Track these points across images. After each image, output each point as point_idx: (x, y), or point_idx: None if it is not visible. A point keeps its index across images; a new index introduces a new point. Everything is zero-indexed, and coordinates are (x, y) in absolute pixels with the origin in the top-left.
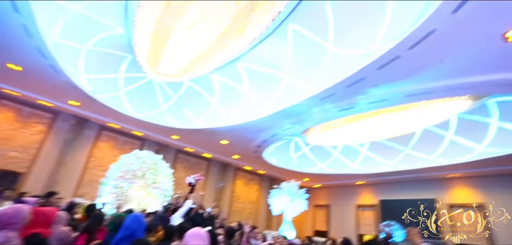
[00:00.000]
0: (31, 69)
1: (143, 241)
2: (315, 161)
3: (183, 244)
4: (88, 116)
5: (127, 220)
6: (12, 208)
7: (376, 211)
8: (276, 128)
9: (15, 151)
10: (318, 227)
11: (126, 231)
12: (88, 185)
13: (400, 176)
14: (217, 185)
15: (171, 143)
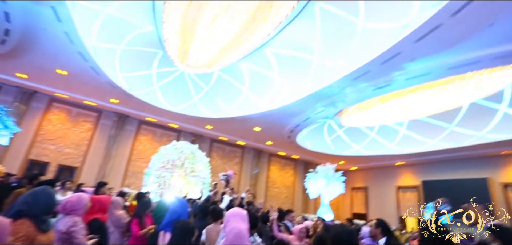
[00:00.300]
0: (75, 72)
1: (185, 222)
2: (351, 143)
3: (224, 223)
4: (127, 112)
5: (173, 205)
6: (75, 196)
7: (419, 192)
8: (308, 112)
9: (69, 148)
10: (356, 209)
11: (173, 215)
12: (133, 176)
13: (444, 155)
14: (252, 171)
15: (206, 132)
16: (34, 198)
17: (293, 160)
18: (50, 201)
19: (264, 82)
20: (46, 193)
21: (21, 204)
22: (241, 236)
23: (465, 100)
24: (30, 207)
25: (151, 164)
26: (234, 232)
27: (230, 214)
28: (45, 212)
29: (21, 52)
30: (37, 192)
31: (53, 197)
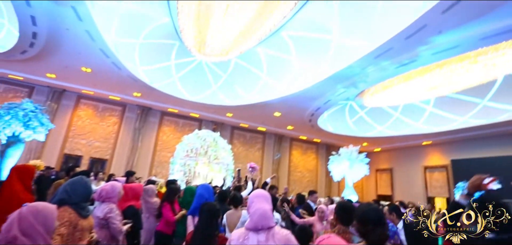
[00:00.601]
0: (98, 69)
1: (211, 204)
2: (374, 124)
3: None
4: (150, 104)
5: (198, 190)
6: (109, 185)
7: (447, 172)
8: (328, 94)
9: (98, 141)
10: (381, 191)
11: (200, 199)
12: (160, 165)
13: (475, 132)
14: (274, 157)
15: (226, 120)
16: (72, 188)
17: (314, 143)
18: (86, 190)
19: (282, 67)
20: (82, 183)
21: (61, 193)
22: (266, 216)
23: (500, 73)
24: (69, 195)
25: (176, 153)
26: (259, 212)
27: (254, 196)
28: (83, 200)
29: (48, 53)
30: (74, 182)
31: (89, 186)
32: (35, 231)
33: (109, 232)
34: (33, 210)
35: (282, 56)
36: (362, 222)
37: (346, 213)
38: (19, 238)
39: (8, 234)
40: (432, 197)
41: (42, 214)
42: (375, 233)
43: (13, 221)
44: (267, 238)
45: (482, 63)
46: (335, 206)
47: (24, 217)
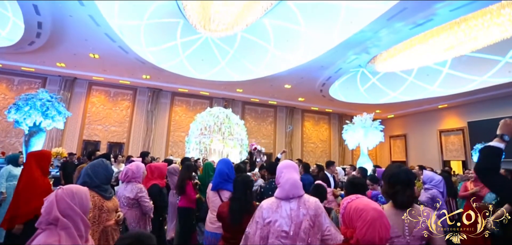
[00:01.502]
0: (106, 54)
1: (245, 175)
2: (387, 90)
3: (278, 175)
4: (160, 86)
5: (219, 165)
6: (134, 165)
7: (464, 134)
8: (339, 62)
9: (114, 126)
10: (395, 157)
11: (221, 174)
12: (175, 145)
13: (494, 92)
14: (286, 129)
15: (237, 96)
16: (93, 171)
17: (326, 113)
18: (107, 172)
19: (291, 37)
20: (102, 166)
21: (83, 176)
22: (297, 185)
23: None
24: (91, 178)
25: (190, 132)
26: (290, 182)
27: (283, 166)
28: (104, 182)
29: (56, 42)
30: (95, 165)
31: (109, 169)
32: (74, 212)
33: (139, 210)
34: (69, 192)
35: (290, 26)
36: (391, 182)
37: (356, 189)
38: (60, 219)
39: (49, 216)
40: (447, 160)
41: (77, 195)
42: (404, 194)
43: (52, 203)
44: (298, 206)
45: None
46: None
47: (62, 199)
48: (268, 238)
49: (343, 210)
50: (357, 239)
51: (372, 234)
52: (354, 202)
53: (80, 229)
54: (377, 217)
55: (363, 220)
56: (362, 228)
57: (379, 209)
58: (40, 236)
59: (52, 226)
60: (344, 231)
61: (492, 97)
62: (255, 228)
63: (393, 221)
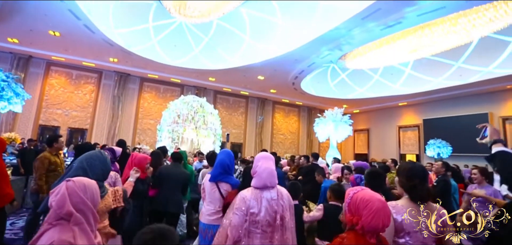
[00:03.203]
0: (69, 32)
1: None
2: (354, 86)
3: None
4: (128, 70)
5: (220, 156)
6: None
7: (419, 130)
8: (313, 56)
9: (76, 111)
10: (358, 150)
11: (222, 165)
12: (143, 133)
13: (447, 93)
14: (257, 120)
15: (209, 85)
16: (89, 163)
17: (297, 106)
18: (104, 167)
19: (267, 29)
20: (100, 158)
21: (77, 169)
22: (274, 174)
23: (476, 35)
24: (86, 173)
25: (163, 120)
26: (268, 171)
27: (260, 157)
28: (100, 178)
29: (7, 15)
30: (92, 157)
31: (107, 163)
32: (86, 207)
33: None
34: (80, 185)
35: (267, 17)
36: (408, 177)
37: (375, 179)
38: (74, 214)
39: (62, 210)
40: (404, 154)
41: (89, 188)
42: (423, 188)
43: (64, 197)
44: (277, 196)
45: (462, 26)
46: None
47: (74, 193)
48: (249, 227)
49: (349, 200)
50: (362, 225)
51: (377, 222)
52: (360, 193)
53: (92, 224)
54: (382, 207)
55: (369, 209)
56: (368, 216)
57: (383, 200)
58: (50, 232)
59: (63, 221)
60: (349, 219)
61: (444, 98)
62: (240, 218)
63: (411, 215)
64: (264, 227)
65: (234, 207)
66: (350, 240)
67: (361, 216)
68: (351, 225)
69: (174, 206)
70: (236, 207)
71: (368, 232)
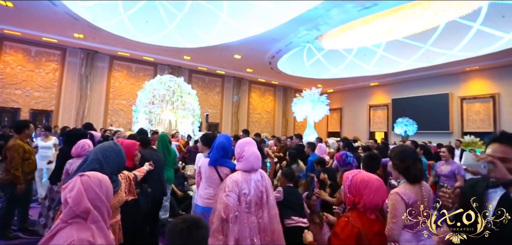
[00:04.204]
0: (24, 3)
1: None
2: (329, 66)
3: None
4: (96, 47)
5: (219, 139)
6: (83, 141)
7: (388, 109)
8: (291, 36)
9: (38, 91)
10: (331, 128)
11: (222, 147)
12: (115, 114)
13: (415, 74)
14: (233, 99)
15: (184, 63)
16: (105, 156)
17: (272, 85)
18: (120, 160)
19: (245, 6)
20: (115, 150)
21: (92, 162)
22: (259, 158)
23: (444, 19)
24: (102, 166)
25: (138, 101)
26: (255, 155)
27: (245, 142)
28: (115, 172)
29: None
30: (106, 149)
31: (123, 155)
32: (102, 203)
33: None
34: (96, 180)
35: None
36: (401, 159)
37: (373, 161)
38: (92, 211)
39: (79, 207)
40: (373, 131)
41: (104, 184)
42: (416, 167)
43: (81, 193)
44: (261, 177)
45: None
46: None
47: (90, 188)
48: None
49: (349, 182)
50: (364, 203)
51: (377, 199)
52: (358, 175)
53: (107, 221)
54: (380, 186)
55: (370, 188)
56: (369, 194)
57: (380, 179)
58: (67, 230)
59: (79, 219)
60: (351, 200)
61: (412, 79)
62: (234, 199)
63: (417, 197)
64: (253, 206)
65: (227, 190)
66: (354, 218)
67: (363, 195)
68: (352, 205)
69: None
70: (230, 190)
71: (369, 209)
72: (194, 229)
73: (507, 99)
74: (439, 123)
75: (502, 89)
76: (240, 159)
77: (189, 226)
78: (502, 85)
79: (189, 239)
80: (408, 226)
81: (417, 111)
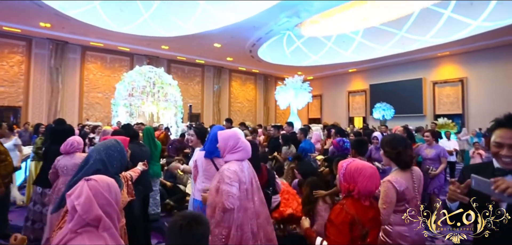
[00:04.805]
0: None
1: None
2: (309, 54)
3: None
4: (65, 38)
5: (214, 130)
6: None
7: (366, 95)
8: (272, 23)
9: (3, 86)
10: (312, 115)
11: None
12: (91, 108)
13: (390, 60)
14: (213, 89)
15: (162, 53)
16: (109, 156)
17: (253, 74)
18: (123, 159)
19: None
20: (118, 149)
21: (96, 162)
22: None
23: (418, 6)
24: (106, 167)
25: (117, 94)
26: (248, 144)
27: (237, 134)
28: (118, 172)
29: None
30: (109, 147)
31: (125, 153)
32: (112, 208)
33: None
34: (104, 184)
35: None
36: (392, 146)
37: (362, 145)
38: (103, 219)
39: (89, 215)
40: (352, 117)
41: (113, 187)
42: (406, 153)
43: (90, 200)
44: (248, 164)
45: None
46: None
47: (99, 193)
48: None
49: (343, 171)
50: (359, 190)
51: (371, 185)
52: (353, 163)
53: (117, 227)
54: (373, 173)
55: (363, 176)
56: (363, 182)
57: (373, 167)
58: (78, 241)
59: (90, 227)
60: (346, 187)
61: (388, 65)
62: (237, 189)
63: (407, 184)
64: (250, 193)
65: (227, 181)
66: (349, 205)
67: (357, 182)
68: (347, 192)
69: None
70: (231, 179)
71: (363, 196)
72: (194, 225)
73: (474, 83)
74: (414, 107)
75: (470, 73)
76: (238, 149)
77: (188, 222)
78: (469, 70)
79: (189, 236)
80: (399, 211)
81: (393, 96)
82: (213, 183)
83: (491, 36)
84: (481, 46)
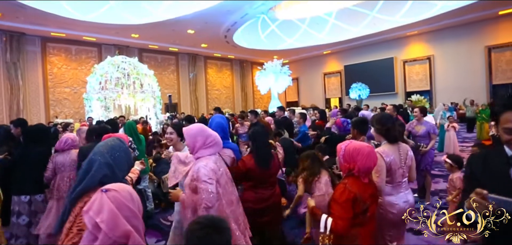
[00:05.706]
0: None
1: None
2: (284, 37)
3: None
4: (21, 28)
5: (216, 119)
6: (71, 135)
7: (341, 76)
8: (246, 7)
9: None
10: (289, 98)
11: (223, 129)
12: (59, 104)
13: (363, 41)
14: (189, 77)
15: (132, 42)
16: (115, 158)
17: (229, 60)
18: (129, 160)
19: None
20: (123, 149)
21: (101, 166)
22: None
23: None
24: (113, 171)
25: (89, 87)
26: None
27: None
28: (125, 175)
29: None
30: (114, 148)
31: (130, 153)
32: (138, 220)
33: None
34: (126, 194)
35: None
36: (382, 123)
37: (363, 124)
38: (132, 234)
39: (116, 231)
40: (328, 98)
41: (135, 197)
42: (394, 129)
43: (115, 214)
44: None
45: None
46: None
47: (122, 205)
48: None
49: (343, 152)
50: (358, 168)
51: (369, 162)
52: (350, 145)
53: (144, 240)
54: (371, 151)
55: (362, 155)
56: (362, 160)
57: (370, 145)
58: None
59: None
60: (346, 167)
61: (361, 45)
62: (216, 186)
63: (394, 155)
64: (228, 183)
65: (205, 178)
66: (350, 184)
67: (356, 161)
68: (348, 172)
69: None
70: (209, 178)
71: (363, 173)
72: (214, 234)
73: (440, 60)
74: (386, 85)
75: (436, 51)
76: (209, 144)
77: (207, 232)
78: (435, 48)
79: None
80: (388, 181)
81: (367, 76)
82: (187, 181)
83: (454, 15)
84: (446, 25)
